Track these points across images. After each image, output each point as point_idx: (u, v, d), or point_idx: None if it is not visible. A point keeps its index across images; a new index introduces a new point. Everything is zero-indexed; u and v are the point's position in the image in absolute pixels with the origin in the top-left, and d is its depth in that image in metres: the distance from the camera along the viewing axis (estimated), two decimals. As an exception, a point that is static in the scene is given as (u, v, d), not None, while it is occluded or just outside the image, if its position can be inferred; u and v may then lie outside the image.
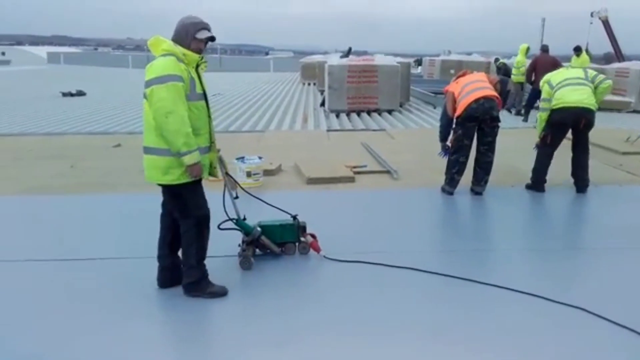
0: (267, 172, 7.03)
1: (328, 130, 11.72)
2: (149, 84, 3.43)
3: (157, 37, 3.57)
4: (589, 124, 6.28)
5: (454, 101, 6.24)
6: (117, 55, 53.41)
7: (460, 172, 6.33)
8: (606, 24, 31.24)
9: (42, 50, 59.42)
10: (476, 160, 6.34)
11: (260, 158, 6.82)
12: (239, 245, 4.34)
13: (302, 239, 4.50)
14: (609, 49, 33.81)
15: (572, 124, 6.27)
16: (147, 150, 3.59)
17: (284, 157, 7.83)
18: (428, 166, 7.78)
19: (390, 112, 14.96)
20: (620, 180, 7.06)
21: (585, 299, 3.66)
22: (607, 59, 34.07)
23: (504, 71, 15.84)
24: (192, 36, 3.56)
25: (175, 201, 3.69)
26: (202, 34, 3.58)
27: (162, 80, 3.38)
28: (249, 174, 6.61)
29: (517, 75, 14.44)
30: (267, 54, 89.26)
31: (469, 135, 6.20)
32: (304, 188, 6.67)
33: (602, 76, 6.45)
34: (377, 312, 3.61)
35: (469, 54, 31.18)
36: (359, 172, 7.28)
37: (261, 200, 4.39)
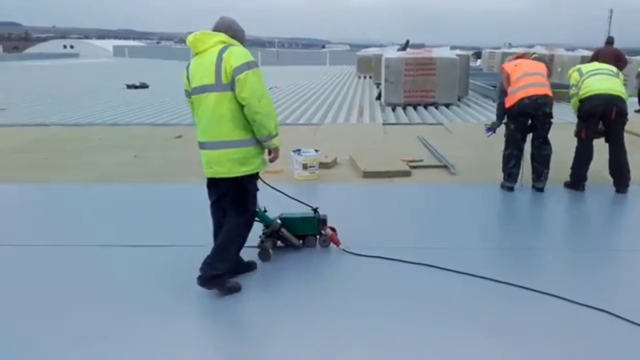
0: (323, 165, 7.07)
1: (384, 124, 11.65)
2: (239, 70, 3.43)
3: (205, 31, 3.63)
4: (622, 113, 5.91)
5: (508, 82, 6.11)
6: (179, 48, 54.84)
7: (517, 165, 6.14)
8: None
9: (108, 44, 61.58)
10: (532, 155, 6.14)
11: (316, 151, 6.87)
12: (259, 237, 4.34)
13: (323, 232, 4.50)
14: (684, 41, 31.87)
15: (602, 113, 5.88)
16: (219, 145, 3.56)
17: (339, 150, 7.85)
18: (488, 162, 7.61)
19: (447, 106, 14.71)
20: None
21: (611, 303, 3.52)
22: (681, 51, 32.26)
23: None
24: (243, 37, 3.76)
25: (240, 196, 3.69)
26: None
27: (250, 66, 3.48)
28: (305, 167, 6.68)
29: None
30: (323, 47, 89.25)
31: (521, 129, 6.04)
32: (360, 181, 6.68)
33: (622, 74, 6.26)
34: (382, 305, 3.60)
35: (531, 46, 30.21)
36: (415, 167, 7.22)
37: (282, 193, 4.36)
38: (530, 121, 6.00)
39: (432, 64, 14.55)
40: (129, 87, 19.95)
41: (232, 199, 3.70)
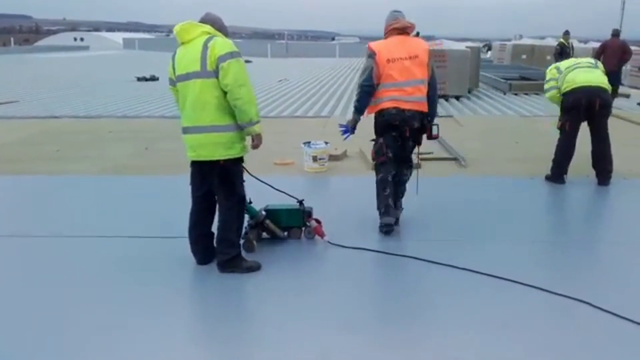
0: (333, 157, 7.08)
1: (394, 116, 11.59)
2: (224, 58, 3.63)
3: (191, 22, 3.82)
4: (605, 105, 5.90)
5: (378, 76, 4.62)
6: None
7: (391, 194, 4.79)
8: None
9: (118, 37, 61.73)
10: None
11: (326, 143, 6.87)
12: (245, 228, 4.33)
13: (308, 224, 4.51)
14: (698, 32, 31.58)
15: (586, 105, 5.85)
16: (204, 129, 3.75)
17: (349, 143, 7.83)
18: (498, 154, 7.60)
19: (458, 98, 14.63)
20: None
21: (587, 292, 3.55)
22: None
23: (560, 51, 14.62)
24: (227, 34, 3.96)
25: (226, 179, 3.86)
26: None
27: (234, 55, 3.67)
28: (314, 159, 6.68)
29: None
30: (333, 39, 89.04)
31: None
32: (369, 174, 6.66)
33: (601, 64, 6.28)
34: (365, 299, 3.65)
35: (543, 38, 29.94)
36: (425, 159, 7.18)
37: (268, 185, 4.42)
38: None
39: (442, 56, 14.44)
40: (139, 79, 19.98)
41: (219, 183, 3.87)
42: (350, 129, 4.84)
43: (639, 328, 3.18)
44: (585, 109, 5.91)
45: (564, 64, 6.32)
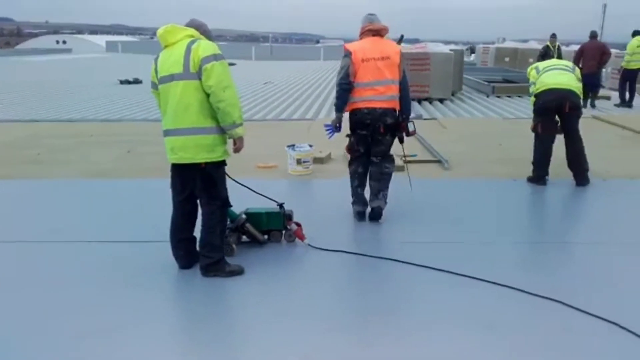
0: (317, 160, 7.08)
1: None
2: (207, 60, 3.60)
3: (175, 25, 3.79)
4: (574, 107, 6.00)
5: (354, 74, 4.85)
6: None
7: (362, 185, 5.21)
8: (674, 9, 29.65)
9: (101, 39, 61.20)
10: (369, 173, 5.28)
11: (310, 146, 6.86)
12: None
13: (288, 227, 4.50)
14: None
15: (556, 108, 5.98)
16: (186, 131, 3.72)
17: (333, 145, 7.83)
18: (480, 156, 7.66)
19: (442, 100, 14.72)
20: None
21: (564, 292, 3.60)
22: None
23: (543, 54, 14.57)
24: (212, 39, 3.90)
25: (208, 182, 3.83)
26: None
27: (217, 57, 3.64)
28: (299, 162, 6.68)
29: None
30: (317, 42, 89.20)
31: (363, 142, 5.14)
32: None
33: (578, 69, 6.36)
34: (346, 301, 3.69)
35: (525, 41, 30.27)
36: (409, 161, 7.20)
37: (247, 188, 4.40)
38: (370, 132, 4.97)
39: (426, 59, 14.54)
40: (122, 82, 19.84)
41: (202, 187, 3.84)
42: (335, 128, 5.04)
43: (615, 328, 3.21)
44: (555, 111, 6.03)
45: (542, 64, 6.42)
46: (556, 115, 6.11)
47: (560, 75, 6.08)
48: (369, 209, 5.09)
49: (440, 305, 3.54)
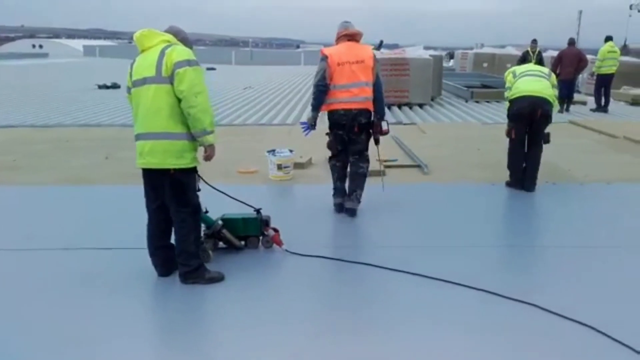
0: (298, 165, 7.07)
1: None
2: (180, 65, 3.56)
3: (151, 30, 3.78)
4: (545, 115, 6.09)
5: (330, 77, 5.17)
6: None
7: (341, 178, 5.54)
8: (646, 16, 30.34)
9: (79, 43, 60.49)
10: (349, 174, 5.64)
11: (291, 151, 6.85)
12: (200, 237, 4.28)
13: (265, 232, 4.48)
14: (650, 42, 32.83)
15: (528, 114, 6.08)
16: (156, 135, 3.66)
17: (314, 150, 7.84)
18: (460, 161, 7.72)
19: (421, 106, 14.81)
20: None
21: (533, 293, 3.66)
22: (647, 52, 33.13)
23: (522, 59, 14.80)
24: (191, 47, 3.87)
25: (177, 189, 3.77)
26: None
27: (191, 63, 3.61)
28: (279, 167, 6.66)
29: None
30: (298, 47, 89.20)
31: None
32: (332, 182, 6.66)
33: (556, 88, 6.39)
34: (323, 306, 3.69)
35: (503, 46, 30.63)
36: (389, 166, 7.25)
37: (223, 193, 4.37)
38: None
39: (405, 64, 14.62)
40: (100, 87, 19.62)
41: (171, 194, 3.78)
42: (310, 125, 5.38)
43: (591, 331, 3.25)
44: (528, 117, 6.12)
45: (518, 69, 6.49)
46: (528, 119, 6.18)
47: (534, 82, 6.15)
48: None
49: (416, 309, 3.56)
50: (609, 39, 13.62)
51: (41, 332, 3.28)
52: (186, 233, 3.82)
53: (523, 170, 6.28)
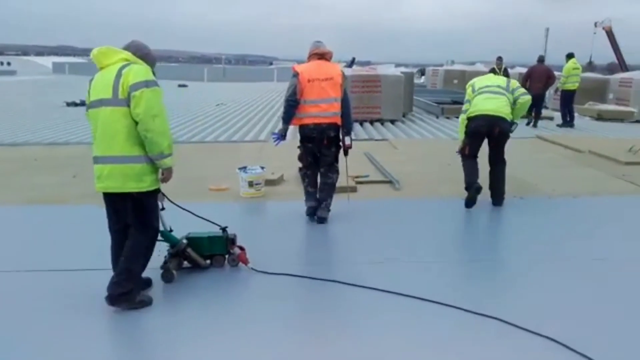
0: (269, 182, 7.04)
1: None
2: (136, 87, 3.48)
3: (110, 47, 3.69)
4: (503, 133, 6.23)
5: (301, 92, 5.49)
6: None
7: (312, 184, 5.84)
8: (610, 34, 31.37)
9: (48, 60, 59.62)
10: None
11: (262, 168, 6.83)
12: (164, 257, 4.25)
13: (231, 251, 4.44)
14: (613, 59, 33.87)
15: (486, 132, 6.23)
16: (113, 159, 3.57)
17: (286, 167, 7.84)
18: (431, 176, 7.80)
19: (393, 122, 14.96)
20: (623, 191, 7.05)
21: (500, 309, 3.68)
22: (610, 69, 34.17)
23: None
24: (154, 63, 3.82)
25: (138, 212, 3.69)
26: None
27: (148, 84, 3.52)
28: (250, 184, 6.63)
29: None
30: (271, 64, 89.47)
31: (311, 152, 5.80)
32: (303, 199, 6.65)
33: (522, 90, 6.46)
34: (288, 323, 3.67)
35: (472, 63, 31.20)
36: (361, 182, 7.28)
37: (189, 212, 4.32)
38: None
39: (377, 81, 14.78)
40: (68, 104, 19.34)
41: (132, 216, 3.70)
42: (280, 136, 5.75)
43: (552, 344, 3.29)
44: (484, 135, 6.25)
45: (478, 83, 6.52)
46: (485, 137, 6.29)
47: (491, 100, 6.21)
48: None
49: (382, 326, 3.56)
50: (571, 55, 14.04)
51: (6, 354, 3.18)
52: (137, 254, 3.71)
53: (490, 187, 6.35)
